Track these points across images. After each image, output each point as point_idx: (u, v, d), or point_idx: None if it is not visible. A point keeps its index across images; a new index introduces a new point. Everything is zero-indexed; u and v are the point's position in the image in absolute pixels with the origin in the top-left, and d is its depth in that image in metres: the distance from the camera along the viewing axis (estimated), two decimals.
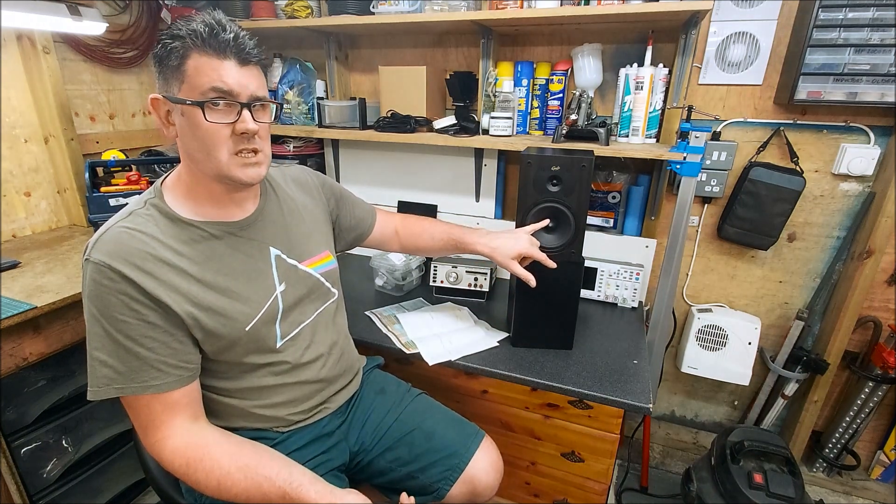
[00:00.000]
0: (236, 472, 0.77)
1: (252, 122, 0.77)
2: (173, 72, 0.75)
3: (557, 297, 1.25)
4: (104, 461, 1.48)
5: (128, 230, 0.77)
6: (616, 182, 1.60)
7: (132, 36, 1.84)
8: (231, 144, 0.77)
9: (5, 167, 1.58)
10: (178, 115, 0.77)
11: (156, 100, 0.78)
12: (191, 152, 0.79)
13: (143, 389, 0.76)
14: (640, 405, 1.08)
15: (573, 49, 1.40)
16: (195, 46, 0.73)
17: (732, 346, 1.59)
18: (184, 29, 0.73)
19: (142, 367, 0.76)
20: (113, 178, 1.73)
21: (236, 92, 0.75)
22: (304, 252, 0.97)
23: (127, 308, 0.74)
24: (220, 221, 0.85)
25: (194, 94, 0.74)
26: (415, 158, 1.80)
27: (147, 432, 0.79)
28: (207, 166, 0.79)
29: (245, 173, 0.80)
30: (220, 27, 0.74)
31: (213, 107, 0.74)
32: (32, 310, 1.14)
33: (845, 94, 1.29)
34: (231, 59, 0.75)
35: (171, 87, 0.76)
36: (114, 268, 0.72)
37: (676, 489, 1.64)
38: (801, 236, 1.54)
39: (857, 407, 1.58)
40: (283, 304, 0.90)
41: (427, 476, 1.02)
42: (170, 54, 0.74)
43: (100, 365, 0.75)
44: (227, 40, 0.74)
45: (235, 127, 0.76)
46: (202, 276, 0.80)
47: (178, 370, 0.79)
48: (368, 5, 1.49)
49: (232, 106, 0.76)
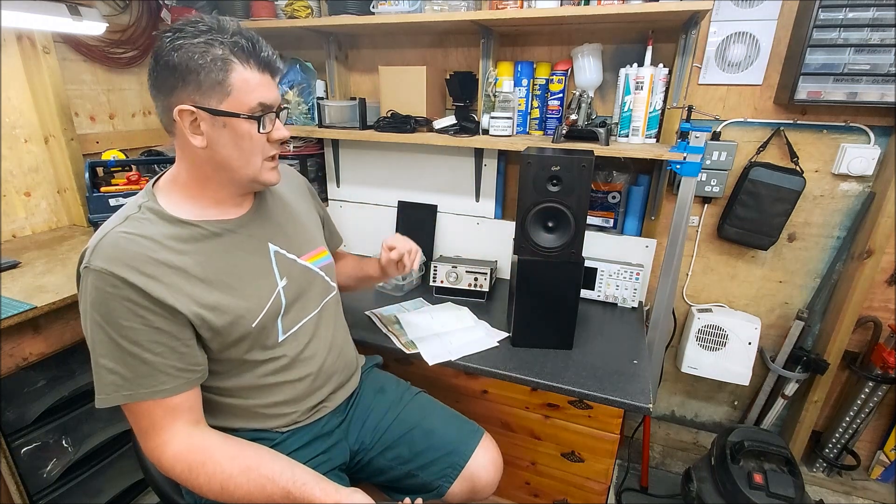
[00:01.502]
0: (239, 475, 0.77)
1: (285, 130, 0.85)
2: (215, 85, 0.75)
3: (557, 297, 1.25)
4: (104, 461, 1.48)
5: (126, 234, 0.76)
6: (616, 182, 1.60)
7: (132, 36, 1.84)
8: (267, 150, 0.83)
9: (5, 167, 1.58)
10: (215, 126, 0.77)
11: (184, 110, 0.75)
12: (225, 160, 0.80)
13: (151, 395, 0.75)
14: (640, 405, 1.08)
15: (573, 49, 1.40)
16: (240, 60, 0.75)
17: (732, 346, 1.59)
18: (224, 41, 0.74)
19: (150, 372, 0.75)
20: (113, 178, 1.73)
21: (273, 105, 0.81)
22: (302, 247, 0.98)
23: (132, 314, 0.73)
24: (218, 220, 0.85)
25: (243, 108, 0.77)
26: (415, 158, 1.80)
27: (147, 437, 0.78)
28: (243, 173, 0.82)
29: (275, 175, 0.87)
30: (259, 42, 0.78)
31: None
32: (32, 310, 1.14)
33: (845, 94, 1.28)
34: (268, 74, 0.80)
35: (208, 99, 0.75)
36: (116, 274, 0.72)
37: (676, 489, 1.64)
38: (801, 236, 1.54)
39: (857, 407, 1.58)
40: (286, 299, 0.91)
41: (427, 474, 1.02)
42: (211, 66, 0.73)
43: (107, 372, 0.74)
44: (269, 57, 0.79)
45: (272, 135, 0.82)
46: (205, 275, 0.80)
47: (187, 373, 0.79)
48: (368, 5, 1.49)
49: (270, 117, 0.81)
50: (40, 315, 1.17)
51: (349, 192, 1.96)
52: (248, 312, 0.84)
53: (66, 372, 1.39)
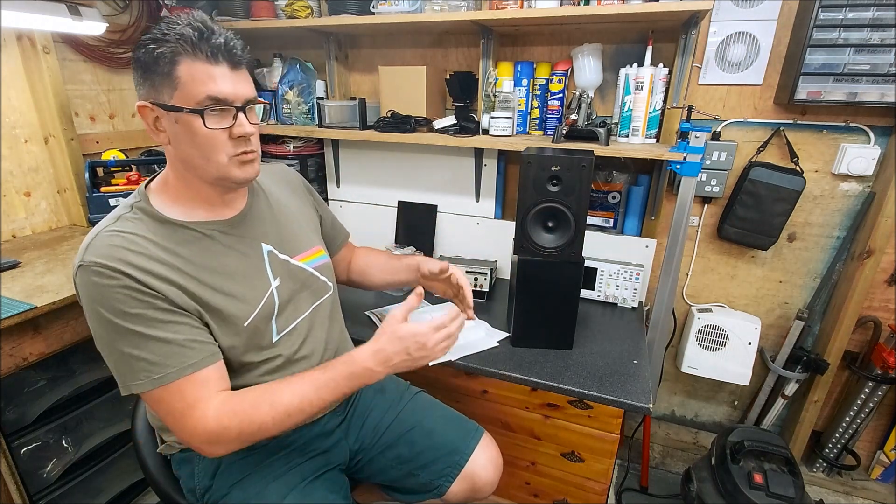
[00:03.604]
0: (280, 387, 0.80)
1: (249, 126, 0.78)
2: (163, 78, 0.73)
3: (557, 297, 1.25)
4: (104, 461, 1.48)
5: (118, 233, 0.75)
6: (616, 182, 1.60)
7: (132, 36, 1.83)
8: (229, 148, 0.78)
9: (5, 167, 1.58)
10: (172, 123, 0.76)
11: (143, 107, 0.76)
12: (187, 158, 0.79)
13: (180, 372, 0.74)
14: (640, 405, 1.08)
15: (573, 49, 1.40)
16: (185, 52, 0.72)
17: (732, 346, 1.59)
18: (171, 33, 0.71)
19: (173, 351, 0.74)
20: (113, 178, 1.73)
21: (231, 98, 0.75)
22: (296, 247, 0.97)
23: (136, 301, 0.72)
24: (210, 221, 0.85)
25: (189, 102, 0.73)
26: (415, 158, 1.80)
27: (185, 418, 0.75)
28: (206, 171, 0.79)
29: (243, 172, 0.81)
30: (209, 30, 0.73)
31: (210, 113, 0.74)
32: (32, 310, 1.14)
33: (845, 94, 1.28)
34: (223, 65, 0.74)
35: (161, 94, 0.74)
36: (111, 266, 0.71)
37: (676, 489, 1.64)
38: (801, 236, 1.54)
39: (857, 407, 1.58)
40: (279, 299, 0.90)
41: (427, 473, 1.02)
42: (157, 60, 0.72)
43: (132, 360, 0.73)
44: (219, 45, 0.73)
45: (233, 131, 0.77)
46: (198, 275, 0.80)
47: (209, 345, 0.78)
48: (368, 5, 1.49)
49: (227, 111, 0.76)
50: (40, 315, 1.17)
51: (349, 192, 1.96)
52: (240, 313, 0.83)
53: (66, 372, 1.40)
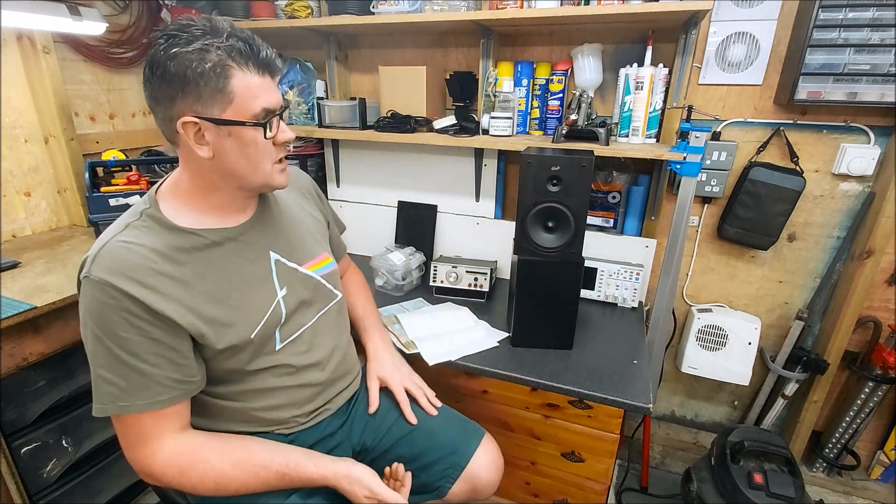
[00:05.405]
0: (231, 469, 0.78)
1: (290, 132, 0.82)
2: (215, 93, 0.72)
3: (557, 297, 1.25)
4: (104, 461, 1.48)
5: (126, 244, 0.75)
6: (616, 182, 1.60)
7: (132, 36, 1.84)
8: (273, 155, 0.81)
9: (5, 167, 1.58)
10: (221, 136, 0.75)
11: (188, 122, 0.73)
12: (232, 169, 0.78)
13: (147, 407, 0.75)
14: (640, 405, 1.08)
15: (573, 49, 1.40)
16: (237, 66, 0.72)
17: (732, 346, 1.59)
18: (220, 45, 0.70)
19: (146, 384, 0.75)
20: (113, 178, 1.73)
21: (277, 107, 0.78)
22: (304, 255, 0.97)
23: (130, 325, 0.73)
24: (219, 228, 0.84)
25: (246, 115, 0.74)
26: (415, 158, 1.80)
27: (135, 447, 0.78)
28: (251, 180, 0.81)
29: (284, 178, 0.85)
30: (255, 43, 0.74)
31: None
32: (32, 310, 1.14)
33: (845, 94, 1.28)
34: (268, 76, 0.77)
35: (210, 108, 0.72)
36: (115, 285, 0.71)
37: (676, 489, 1.64)
38: (801, 236, 1.54)
39: (857, 407, 1.58)
40: (286, 308, 0.90)
41: (428, 474, 1.02)
42: (209, 73, 0.70)
43: (104, 382, 0.74)
44: (267, 58, 0.75)
45: (277, 138, 0.80)
46: (205, 286, 0.80)
47: (183, 385, 0.79)
48: (368, 5, 1.49)
49: (275, 120, 0.79)
50: (40, 315, 1.17)
51: (349, 192, 1.96)
52: (245, 324, 0.83)
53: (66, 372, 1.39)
